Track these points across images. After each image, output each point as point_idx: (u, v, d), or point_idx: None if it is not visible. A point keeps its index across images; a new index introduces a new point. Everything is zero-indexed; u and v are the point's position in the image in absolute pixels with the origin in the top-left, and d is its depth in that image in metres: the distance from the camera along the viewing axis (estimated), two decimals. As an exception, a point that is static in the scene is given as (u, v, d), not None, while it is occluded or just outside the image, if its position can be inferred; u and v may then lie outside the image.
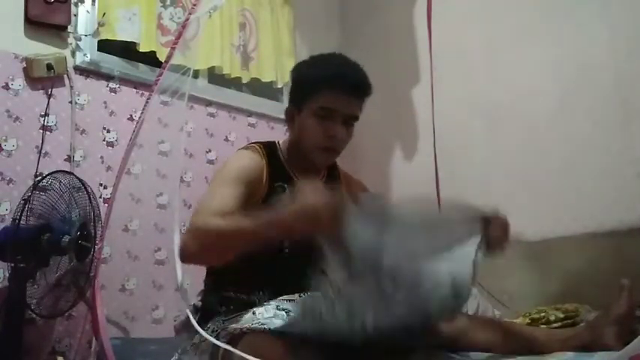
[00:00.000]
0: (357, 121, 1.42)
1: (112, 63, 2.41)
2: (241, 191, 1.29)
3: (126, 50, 2.48)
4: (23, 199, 1.84)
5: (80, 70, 2.29)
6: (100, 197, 2.18)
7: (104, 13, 2.31)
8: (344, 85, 1.36)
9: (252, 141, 1.52)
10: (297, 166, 1.45)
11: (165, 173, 2.42)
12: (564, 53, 2.28)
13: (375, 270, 1.05)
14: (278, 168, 1.43)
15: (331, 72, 1.38)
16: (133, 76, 2.44)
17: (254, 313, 1.19)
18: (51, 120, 2.17)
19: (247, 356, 0.98)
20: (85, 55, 2.29)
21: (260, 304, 1.28)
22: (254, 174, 1.35)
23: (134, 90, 2.43)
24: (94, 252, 1.89)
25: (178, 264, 1.18)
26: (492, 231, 1.23)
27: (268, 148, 1.45)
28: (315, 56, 1.47)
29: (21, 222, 1.77)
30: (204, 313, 1.45)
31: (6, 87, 2.09)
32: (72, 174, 1.96)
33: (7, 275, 1.85)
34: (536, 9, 2.39)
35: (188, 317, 1.16)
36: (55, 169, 1.95)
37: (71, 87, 2.25)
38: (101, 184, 2.25)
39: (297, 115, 1.42)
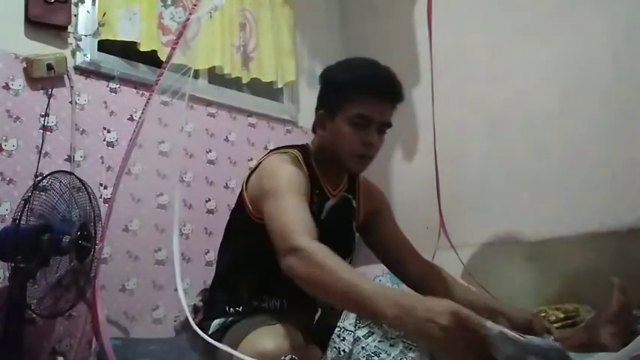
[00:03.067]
0: (390, 128, 1.41)
1: (113, 63, 2.41)
2: (304, 200, 1.27)
3: (126, 50, 2.48)
4: (23, 199, 1.84)
5: (80, 70, 2.29)
6: (100, 197, 2.18)
7: (104, 13, 2.32)
8: (381, 92, 1.35)
9: (288, 145, 1.48)
10: (324, 171, 1.44)
11: (165, 173, 2.43)
12: (564, 53, 2.28)
13: None
14: (313, 175, 1.41)
15: (369, 78, 1.35)
16: (134, 76, 2.44)
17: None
18: (51, 120, 2.17)
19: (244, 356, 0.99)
20: (85, 55, 2.29)
21: (270, 311, 1.32)
22: (304, 182, 1.33)
23: (134, 90, 2.44)
24: (94, 252, 1.89)
25: (177, 266, 1.18)
26: None
27: (304, 155, 1.42)
28: (347, 60, 1.45)
29: (21, 222, 1.77)
30: (209, 312, 1.45)
31: (6, 87, 2.09)
32: (72, 174, 1.96)
33: (8, 275, 1.85)
34: (536, 9, 2.39)
35: (188, 317, 1.16)
36: (55, 169, 1.95)
37: (71, 87, 2.25)
38: (101, 184, 2.25)
39: (329, 121, 1.39)
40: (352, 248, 1.53)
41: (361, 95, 1.33)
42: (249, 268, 1.39)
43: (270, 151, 1.46)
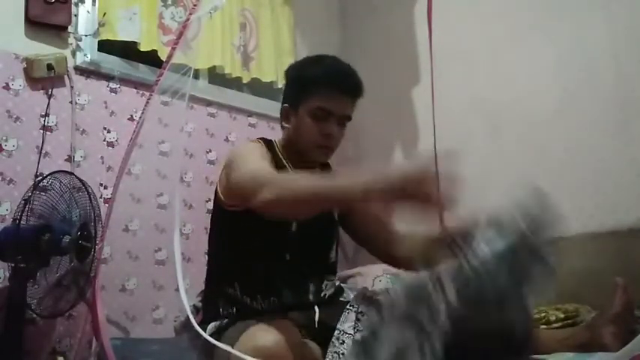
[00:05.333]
0: (349, 121, 1.47)
1: (113, 63, 2.41)
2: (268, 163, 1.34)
3: (126, 50, 2.48)
4: (24, 200, 1.84)
5: (80, 71, 2.29)
6: (101, 197, 2.18)
7: (104, 13, 2.31)
8: (340, 86, 1.42)
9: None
10: (293, 164, 1.49)
11: (165, 173, 2.43)
12: (564, 53, 2.28)
13: None
14: (277, 162, 1.46)
15: (328, 73, 1.42)
16: (134, 77, 2.44)
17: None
18: (51, 120, 2.17)
19: (245, 356, 0.99)
20: (85, 55, 2.29)
21: (263, 309, 1.32)
22: (268, 159, 1.39)
23: (134, 90, 2.43)
24: (94, 252, 1.89)
25: (179, 265, 1.18)
26: None
27: (268, 144, 1.50)
28: (309, 57, 1.52)
29: (21, 222, 1.77)
30: (206, 314, 1.45)
31: (6, 87, 2.09)
32: (72, 174, 1.96)
33: (8, 275, 1.85)
34: (536, 9, 2.39)
35: (188, 317, 1.16)
36: (55, 169, 1.95)
37: (71, 87, 2.25)
38: (101, 184, 2.25)
39: (293, 115, 1.45)
40: (333, 239, 1.54)
41: (321, 89, 1.41)
42: (231, 262, 1.41)
43: None
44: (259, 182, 1.18)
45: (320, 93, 1.40)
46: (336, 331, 1.19)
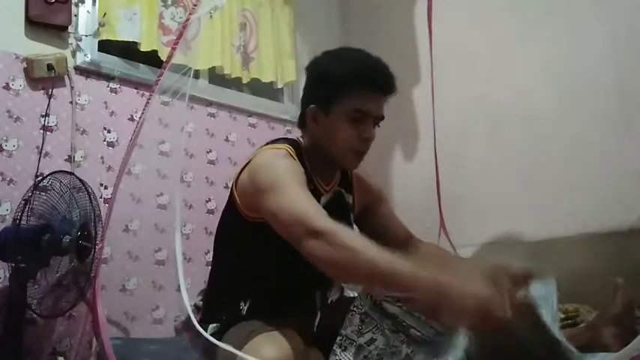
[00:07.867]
0: (382, 121, 1.37)
1: (113, 63, 2.41)
2: (308, 191, 1.21)
3: (126, 50, 2.48)
4: (24, 200, 1.85)
5: (81, 71, 2.29)
6: (101, 197, 2.18)
7: (105, 13, 2.32)
8: (377, 84, 1.32)
9: (276, 139, 1.44)
10: (316, 167, 1.39)
11: (165, 173, 2.43)
12: (564, 53, 2.29)
13: None
14: (306, 171, 1.35)
15: (367, 72, 1.31)
16: (134, 77, 2.44)
17: None
18: (51, 120, 2.17)
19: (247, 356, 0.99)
20: (85, 55, 2.29)
21: (268, 314, 1.28)
22: (303, 175, 1.28)
23: (135, 90, 2.44)
24: (94, 252, 1.89)
25: (180, 265, 1.17)
26: None
27: (297, 150, 1.37)
28: (337, 52, 1.40)
29: (22, 222, 1.77)
30: (207, 314, 1.44)
31: (6, 87, 2.09)
32: (72, 174, 1.96)
33: (8, 275, 1.85)
34: (535, 9, 2.39)
35: (188, 317, 1.15)
36: (55, 170, 1.95)
37: (72, 87, 2.25)
38: (102, 184, 2.25)
39: (323, 116, 1.33)
40: None
41: (359, 89, 1.29)
42: (242, 270, 1.36)
43: (261, 147, 1.40)
44: (313, 229, 1.05)
45: (358, 93, 1.29)
46: (339, 338, 1.17)
